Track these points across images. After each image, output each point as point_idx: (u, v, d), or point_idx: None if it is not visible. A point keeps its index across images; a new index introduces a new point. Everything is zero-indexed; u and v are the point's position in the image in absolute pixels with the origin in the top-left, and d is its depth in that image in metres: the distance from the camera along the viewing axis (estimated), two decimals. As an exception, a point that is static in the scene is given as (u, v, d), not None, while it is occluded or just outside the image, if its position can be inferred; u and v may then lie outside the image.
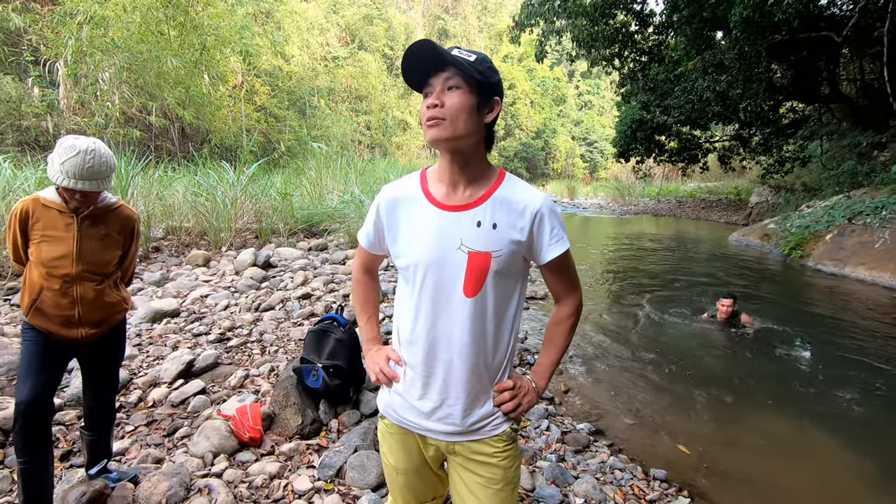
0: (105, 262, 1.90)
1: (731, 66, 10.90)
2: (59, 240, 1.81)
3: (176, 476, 2.08)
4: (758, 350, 4.50)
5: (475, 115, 1.06)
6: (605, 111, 49.09)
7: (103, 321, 1.93)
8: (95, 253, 1.87)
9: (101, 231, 1.88)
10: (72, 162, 1.70)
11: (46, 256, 1.80)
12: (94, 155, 1.73)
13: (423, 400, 1.17)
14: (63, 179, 1.71)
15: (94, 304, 1.88)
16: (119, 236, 1.95)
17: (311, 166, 10.32)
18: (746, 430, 3.18)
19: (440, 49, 1.02)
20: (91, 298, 1.87)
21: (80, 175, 1.71)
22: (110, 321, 1.97)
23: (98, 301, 1.89)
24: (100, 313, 1.91)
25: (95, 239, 1.87)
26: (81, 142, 1.73)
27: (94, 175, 1.74)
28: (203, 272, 5.75)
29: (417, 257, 1.11)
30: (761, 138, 16.44)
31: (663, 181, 28.54)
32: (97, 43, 11.63)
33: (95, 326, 1.91)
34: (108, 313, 1.94)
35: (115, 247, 1.94)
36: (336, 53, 29.95)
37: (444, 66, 1.04)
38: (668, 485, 2.52)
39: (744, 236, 11.58)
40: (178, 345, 3.68)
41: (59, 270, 1.80)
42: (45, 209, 1.81)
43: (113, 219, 1.92)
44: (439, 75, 1.04)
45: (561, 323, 1.25)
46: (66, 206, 1.81)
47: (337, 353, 2.74)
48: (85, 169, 1.71)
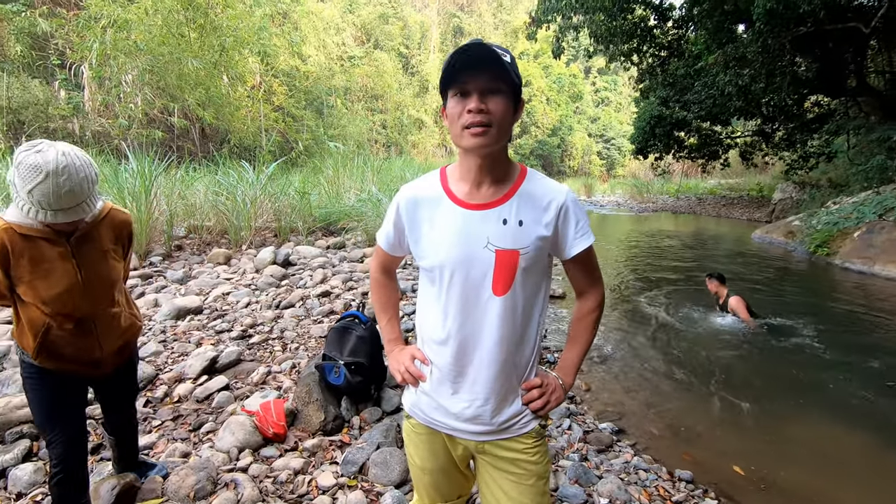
0: (112, 283, 1.65)
1: (753, 60, 10.66)
2: (56, 273, 1.49)
3: (203, 470, 2.11)
4: (784, 350, 4.40)
5: (511, 119, 1.05)
6: (622, 107, 48.46)
7: (125, 347, 1.75)
8: (101, 277, 1.60)
9: (100, 248, 1.59)
10: (41, 189, 1.31)
11: (48, 295, 1.49)
12: (68, 173, 1.33)
13: (453, 400, 1.16)
14: (36, 212, 1.35)
15: (114, 332, 1.67)
16: (117, 246, 1.68)
17: (328, 165, 10.41)
18: (774, 433, 3.11)
19: (497, 51, 0.98)
20: (112, 329, 1.66)
21: (58, 204, 1.34)
22: (131, 344, 1.79)
23: (117, 328, 1.69)
24: (120, 339, 1.72)
25: (96, 261, 1.58)
26: (46, 157, 1.31)
27: (76, 198, 1.37)
28: (224, 270, 5.84)
29: (443, 258, 1.10)
30: (785, 133, 16.05)
31: (682, 178, 28.11)
32: (120, 46, 11.89)
33: (119, 355, 1.73)
34: (127, 337, 1.75)
35: (116, 260, 1.68)
36: (352, 53, 30.11)
37: (486, 66, 0.99)
38: (693, 486, 2.48)
39: (767, 233, 11.33)
40: (201, 341, 3.74)
41: (67, 308, 1.52)
42: (26, 241, 1.44)
43: (105, 229, 1.62)
44: (478, 76, 0.99)
45: (585, 317, 1.23)
46: (51, 232, 1.47)
47: (358, 350, 2.75)
48: (62, 196, 1.33)
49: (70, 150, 1.36)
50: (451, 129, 1.05)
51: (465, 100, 1.00)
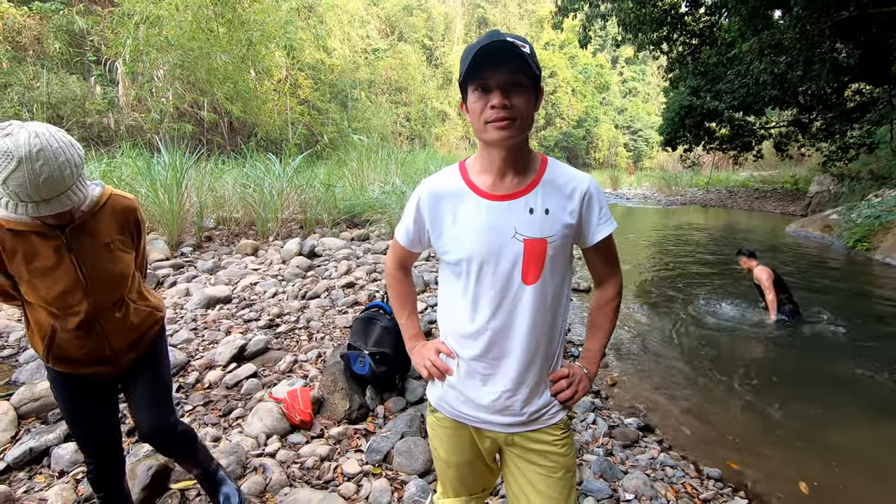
0: (120, 277, 1.47)
1: (790, 47, 10.23)
2: (53, 271, 1.33)
3: (233, 454, 2.17)
4: (821, 347, 4.24)
5: (533, 110, 1.04)
6: (650, 98, 47.38)
7: (139, 340, 1.58)
8: (105, 272, 1.42)
9: (101, 240, 1.41)
10: (16, 179, 1.12)
11: (48, 295, 1.35)
12: (44, 158, 1.13)
13: (482, 392, 1.16)
14: (15, 205, 1.16)
15: (123, 329, 1.51)
16: (124, 236, 1.49)
17: (352, 158, 10.49)
18: (807, 433, 3.01)
19: (517, 43, 0.97)
20: (120, 326, 1.49)
21: (37, 194, 1.15)
22: (147, 337, 1.61)
23: (127, 324, 1.51)
24: (133, 334, 1.55)
25: (98, 254, 1.40)
26: (16, 141, 1.12)
27: (57, 186, 1.17)
28: (252, 261, 5.96)
29: (471, 250, 1.09)
30: (823, 123, 15.41)
31: (713, 170, 27.33)
32: (152, 41, 12.19)
33: (132, 349, 1.56)
34: (142, 331, 1.58)
35: (125, 251, 1.49)
36: (376, 45, 30.18)
37: (506, 60, 0.98)
38: (722, 484, 2.43)
39: (802, 227, 10.94)
40: (230, 330, 3.84)
41: (71, 308, 1.38)
42: (17, 237, 1.29)
43: (107, 218, 1.43)
44: (499, 69, 0.98)
45: (606, 305, 1.24)
46: (42, 225, 1.30)
47: (383, 340, 2.78)
48: (40, 184, 1.14)
49: (44, 131, 1.16)
50: (474, 123, 1.05)
51: (487, 95, 0.99)
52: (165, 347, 1.72)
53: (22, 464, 2.17)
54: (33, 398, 2.51)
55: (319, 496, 1.95)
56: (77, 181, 1.23)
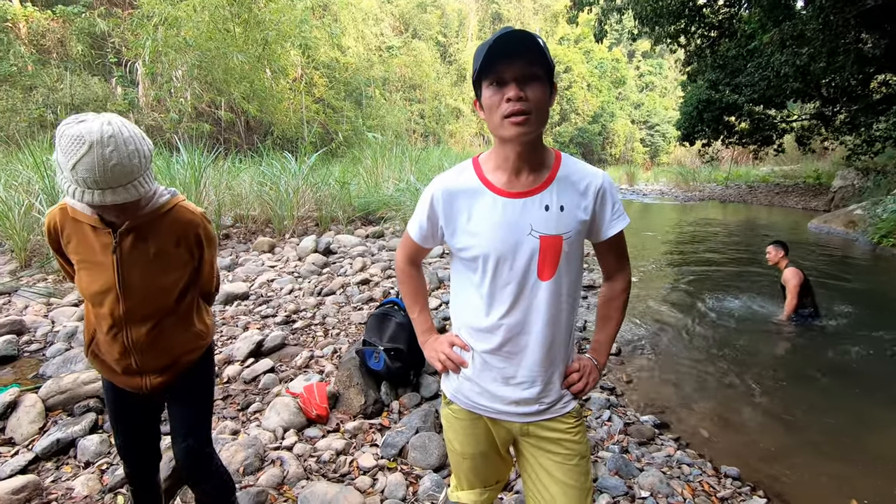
0: (161, 291, 1.38)
1: (813, 38, 9.96)
2: (97, 267, 1.31)
3: (251, 447, 2.21)
4: (843, 346, 4.14)
5: (548, 103, 1.04)
6: (667, 92, 46.65)
7: (171, 366, 1.45)
8: (146, 282, 1.34)
9: (151, 248, 1.33)
10: (85, 163, 1.09)
11: (87, 290, 1.34)
12: (115, 144, 1.12)
13: (499, 384, 1.18)
14: (81, 193, 1.13)
15: (153, 348, 1.40)
16: (179, 250, 1.39)
17: (367, 155, 10.55)
18: (830, 432, 2.95)
19: (535, 37, 0.96)
20: (148, 343, 1.38)
21: (105, 180, 1.12)
22: (181, 364, 1.47)
23: (160, 343, 1.41)
24: (164, 357, 1.43)
25: (144, 262, 1.33)
26: (90, 127, 1.11)
27: (126, 174, 1.14)
28: (268, 258, 6.04)
29: (487, 247, 1.10)
30: (847, 116, 14.97)
31: (732, 165, 26.78)
32: (171, 42, 12.40)
33: (161, 373, 1.44)
34: (176, 355, 1.45)
35: (174, 268, 1.39)
36: (390, 43, 30.25)
37: (521, 53, 0.97)
38: (740, 483, 2.40)
39: (825, 223, 10.68)
40: (248, 326, 3.90)
41: (104, 308, 1.34)
42: (75, 224, 1.31)
43: (166, 227, 1.35)
44: (514, 62, 0.97)
45: (616, 298, 1.26)
46: (98, 220, 1.29)
47: (398, 336, 2.80)
48: (109, 170, 1.11)
49: (117, 120, 1.15)
50: (489, 119, 1.04)
51: (503, 88, 0.99)
52: (207, 375, 1.60)
53: (50, 454, 2.24)
54: (60, 391, 2.59)
55: (336, 489, 1.98)
56: (144, 174, 1.20)
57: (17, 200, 5.24)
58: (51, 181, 5.39)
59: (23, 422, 2.41)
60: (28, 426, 2.40)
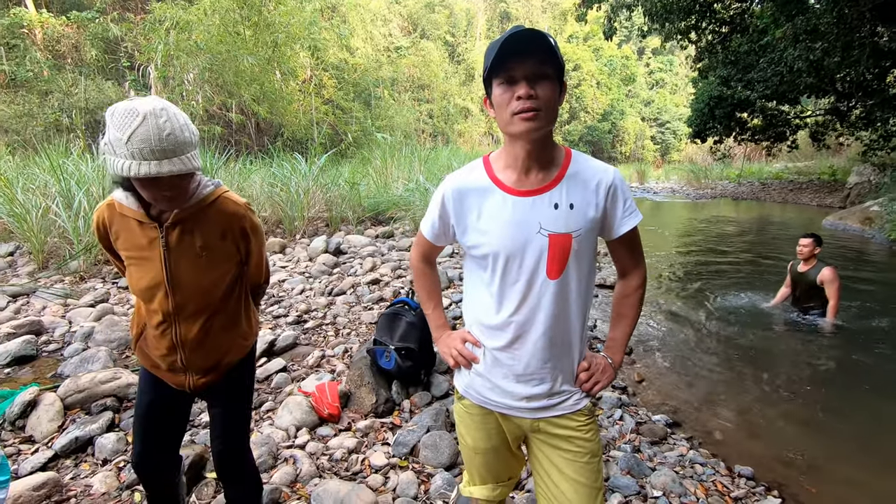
0: (210, 286, 1.37)
1: (827, 32, 9.80)
2: (145, 262, 1.32)
3: (265, 446, 2.24)
4: (858, 346, 4.08)
5: (558, 102, 1.05)
6: (678, 89, 46.15)
7: (216, 366, 1.45)
8: (194, 277, 1.34)
9: (197, 242, 1.33)
10: (140, 134, 1.10)
11: (137, 286, 1.35)
12: (167, 115, 1.14)
13: (509, 380, 1.19)
14: (135, 165, 1.12)
15: (201, 346, 1.40)
16: (225, 243, 1.38)
17: (376, 156, 10.58)
18: (843, 433, 2.91)
19: (546, 36, 0.97)
20: (198, 341, 1.38)
21: (162, 150, 1.12)
22: (225, 364, 1.46)
23: (208, 342, 1.40)
24: (211, 357, 1.43)
25: (191, 256, 1.33)
26: (142, 102, 1.13)
27: (179, 145, 1.15)
28: (280, 258, 6.09)
29: (497, 246, 1.11)
30: (863, 111, 14.71)
31: (744, 162, 26.43)
32: (182, 46, 12.52)
33: (205, 374, 1.44)
34: (221, 355, 1.44)
35: (221, 261, 1.38)
36: (399, 43, 30.30)
37: (532, 51, 0.98)
38: (755, 483, 2.37)
39: (840, 220, 10.52)
40: (260, 326, 3.94)
41: (153, 304, 1.35)
42: (122, 219, 1.32)
43: (211, 220, 1.34)
44: (524, 60, 0.98)
45: (631, 295, 1.25)
46: (145, 214, 1.30)
47: (408, 335, 2.81)
48: (164, 138, 1.12)
49: (164, 100, 1.19)
50: (499, 116, 1.06)
51: (513, 87, 1.00)
52: (248, 376, 1.59)
53: (68, 452, 2.29)
54: (78, 390, 2.64)
55: (348, 487, 2.00)
56: (195, 150, 1.22)
57: (35, 203, 5.35)
58: (66, 184, 5.49)
59: (42, 420, 2.46)
60: (47, 424, 2.45)
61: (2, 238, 5.97)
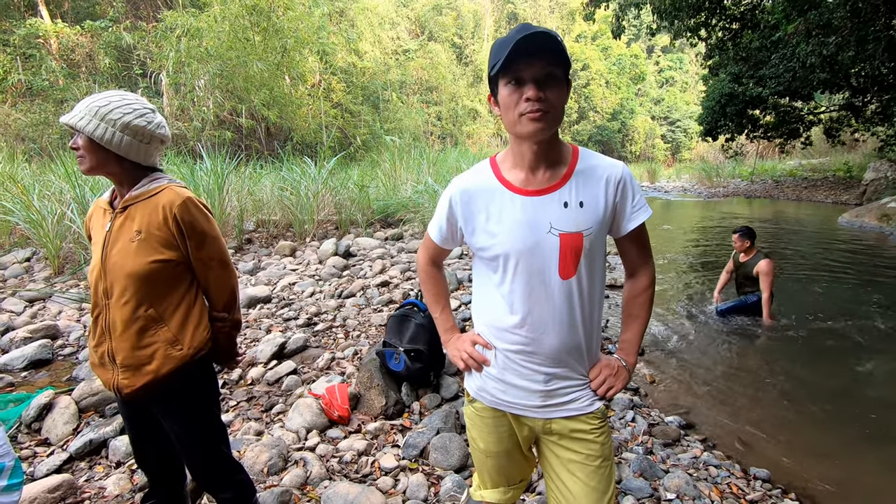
0: (136, 270, 1.31)
1: (840, 26, 9.64)
2: (95, 247, 1.40)
3: (275, 448, 2.24)
4: (879, 347, 4.00)
5: (565, 102, 1.04)
6: (688, 87, 45.71)
7: (138, 369, 1.34)
8: (121, 258, 1.32)
9: (134, 226, 1.34)
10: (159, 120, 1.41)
11: (89, 276, 1.41)
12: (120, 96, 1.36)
13: (522, 381, 1.18)
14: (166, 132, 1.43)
15: (126, 331, 1.33)
16: (161, 233, 1.34)
17: (385, 159, 10.62)
18: (861, 435, 2.85)
19: (552, 35, 0.96)
20: (124, 325, 1.33)
21: (81, 108, 1.32)
22: (146, 372, 1.34)
23: (133, 329, 1.34)
24: (134, 353, 1.34)
25: (125, 239, 1.33)
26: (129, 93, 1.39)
27: (96, 113, 1.31)
28: (290, 262, 6.13)
29: (507, 247, 1.10)
30: (878, 106, 14.44)
31: (757, 160, 26.09)
32: (193, 53, 12.68)
33: (129, 374, 1.34)
34: (142, 359, 1.34)
35: (153, 250, 1.33)
36: (406, 46, 30.42)
37: (541, 53, 0.97)
38: (771, 485, 2.33)
39: (857, 217, 10.33)
40: (270, 328, 3.96)
41: (93, 290, 1.38)
42: (97, 211, 1.46)
43: (151, 210, 1.35)
44: (533, 62, 0.97)
45: (641, 294, 1.23)
46: (108, 202, 1.43)
47: (418, 337, 2.81)
48: (91, 103, 1.32)
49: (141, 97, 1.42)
50: (505, 117, 1.05)
51: (521, 88, 0.99)
52: (194, 395, 1.47)
53: (83, 454, 2.32)
54: (92, 393, 2.67)
55: (358, 489, 1.99)
56: (115, 128, 1.31)
57: (51, 210, 5.45)
58: (81, 190, 5.58)
59: (58, 423, 2.49)
60: (62, 427, 2.48)
61: (19, 244, 6.08)
